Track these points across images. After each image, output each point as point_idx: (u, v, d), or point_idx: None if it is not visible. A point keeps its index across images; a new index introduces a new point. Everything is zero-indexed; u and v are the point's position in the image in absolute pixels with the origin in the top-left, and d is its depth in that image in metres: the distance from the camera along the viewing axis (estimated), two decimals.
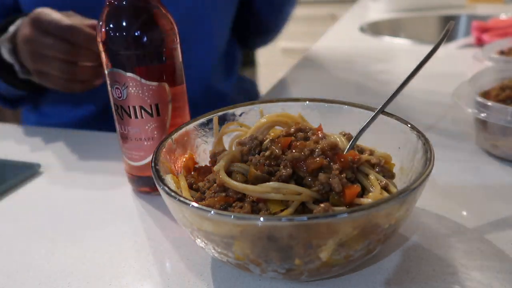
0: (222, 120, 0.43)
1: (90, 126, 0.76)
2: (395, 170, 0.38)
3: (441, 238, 0.38)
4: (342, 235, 0.28)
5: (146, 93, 0.42)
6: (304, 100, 0.44)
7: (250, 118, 0.44)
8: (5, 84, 0.64)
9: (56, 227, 0.44)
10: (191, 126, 0.41)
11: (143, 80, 0.41)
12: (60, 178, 0.54)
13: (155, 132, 0.44)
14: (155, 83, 0.42)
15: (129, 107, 0.42)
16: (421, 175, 0.30)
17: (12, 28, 0.60)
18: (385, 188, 0.35)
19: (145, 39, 0.40)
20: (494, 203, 0.43)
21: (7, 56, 0.60)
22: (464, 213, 0.41)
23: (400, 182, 0.38)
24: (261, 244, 0.28)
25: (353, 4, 1.88)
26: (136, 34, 0.39)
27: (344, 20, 1.51)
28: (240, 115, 0.44)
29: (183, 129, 0.40)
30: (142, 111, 0.42)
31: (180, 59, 0.44)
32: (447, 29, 0.37)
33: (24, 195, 0.50)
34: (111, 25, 0.40)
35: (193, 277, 0.36)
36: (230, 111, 0.43)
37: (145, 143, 0.44)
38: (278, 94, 0.81)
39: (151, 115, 0.43)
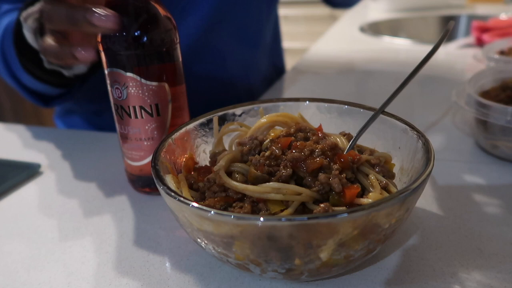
0: (222, 120, 0.43)
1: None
2: (395, 170, 0.38)
3: (441, 238, 0.38)
4: (342, 235, 0.28)
5: (146, 93, 0.42)
6: (304, 100, 0.44)
7: (250, 118, 0.44)
8: (30, 77, 0.59)
9: (56, 227, 0.44)
10: (191, 126, 0.41)
11: (143, 80, 0.41)
12: (60, 178, 0.54)
13: (155, 132, 0.44)
14: (155, 83, 0.42)
15: (129, 107, 0.42)
16: (421, 175, 0.30)
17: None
18: (385, 188, 0.35)
19: (145, 39, 0.40)
20: (494, 203, 0.43)
21: (30, 40, 0.53)
22: (464, 213, 0.41)
23: (400, 182, 0.38)
24: (261, 244, 0.28)
25: None
26: (136, 34, 0.39)
27: (344, 20, 1.51)
28: (240, 115, 0.44)
29: (183, 129, 0.40)
30: (142, 111, 0.42)
31: (180, 59, 0.44)
32: (447, 29, 0.37)
33: (24, 195, 0.50)
34: None
35: (193, 277, 0.36)
36: (230, 111, 0.43)
37: (145, 143, 0.44)
38: (278, 94, 0.81)
39: (151, 115, 0.43)
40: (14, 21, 0.56)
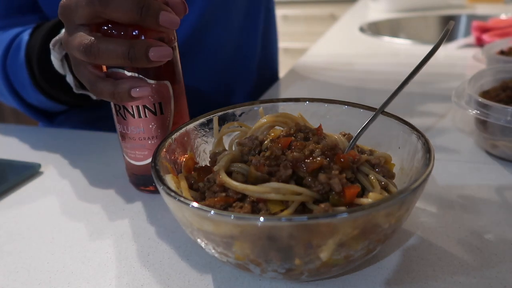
0: (222, 120, 0.43)
1: None
2: (395, 170, 0.38)
3: (441, 238, 0.38)
4: (342, 235, 0.28)
5: None
6: (304, 100, 0.44)
7: (250, 118, 0.44)
8: (43, 97, 0.58)
9: (56, 227, 0.44)
10: (191, 126, 0.41)
11: (146, 79, 0.41)
12: (60, 178, 0.54)
13: (159, 131, 0.44)
14: (157, 82, 0.42)
15: (132, 107, 0.42)
16: (421, 175, 0.30)
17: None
18: (385, 188, 0.35)
19: (143, 38, 0.40)
20: (494, 203, 0.43)
21: (57, 66, 0.52)
22: (464, 213, 0.41)
23: (400, 182, 0.38)
24: (261, 244, 0.28)
25: (353, 4, 1.88)
26: (134, 33, 0.39)
27: (344, 20, 1.51)
28: (240, 115, 0.44)
29: (183, 129, 0.40)
30: (146, 110, 0.42)
31: (179, 58, 0.44)
32: (447, 29, 0.37)
33: (24, 195, 0.50)
34: (109, 25, 0.40)
35: (193, 277, 0.36)
36: (230, 111, 0.43)
37: (149, 142, 0.44)
38: (278, 94, 0.81)
39: (155, 113, 0.43)
40: (26, 42, 0.55)
